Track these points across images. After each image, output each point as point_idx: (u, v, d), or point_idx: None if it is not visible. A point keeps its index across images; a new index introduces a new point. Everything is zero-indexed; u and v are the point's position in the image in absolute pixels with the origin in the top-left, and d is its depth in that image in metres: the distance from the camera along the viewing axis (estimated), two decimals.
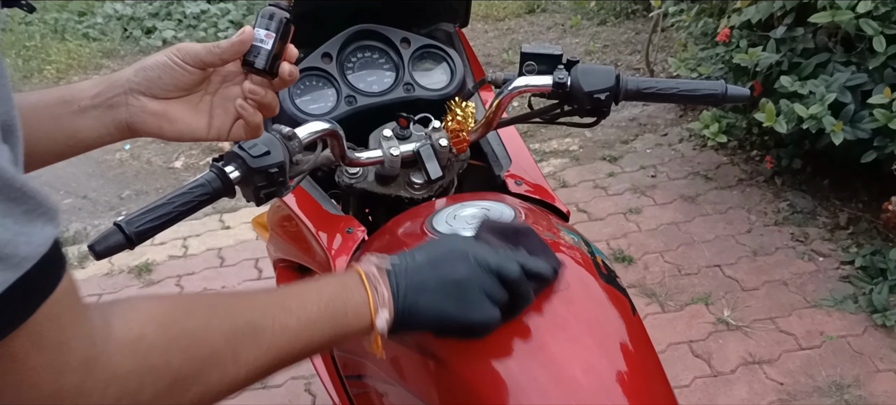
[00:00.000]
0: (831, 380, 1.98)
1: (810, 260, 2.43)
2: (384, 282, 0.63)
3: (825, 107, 2.12)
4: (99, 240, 0.65)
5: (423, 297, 0.63)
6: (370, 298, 0.62)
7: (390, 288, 0.63)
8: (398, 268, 0.64)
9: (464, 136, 0.95)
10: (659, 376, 0.72)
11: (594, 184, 3.00)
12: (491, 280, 0.65)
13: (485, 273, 0.64)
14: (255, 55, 0.65)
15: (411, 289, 0.63)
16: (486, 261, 0.65)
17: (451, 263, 0.65)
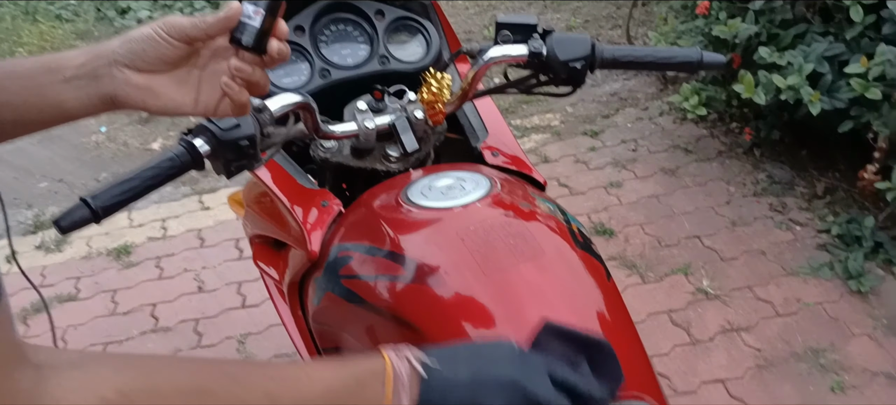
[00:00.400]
0: (808, 346, 2.01)
1: (788, 229, 2.46)
2: (411, 394, 0.55)
3: (803, 77, 2.13)
4: (64, 215, 0.64)
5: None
6: (386, 396, 0.54)
7: (415, 401, 0.55)
8: (434, 381, 0.55)
9: (440, 108, 0.94)
10: (633, 338, 0.73)
11: (575, 158, 3.01)
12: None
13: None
14: (242, 32, 0.62)
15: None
16: (535, 395, 0.55)
17: (494, 393, 0.55)
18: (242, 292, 2.39)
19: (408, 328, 0.73)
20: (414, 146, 0.93)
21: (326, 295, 0.86)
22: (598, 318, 0.72)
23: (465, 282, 0.72)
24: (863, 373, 1.92)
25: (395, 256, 0.78)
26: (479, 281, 0.71)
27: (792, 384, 1.91)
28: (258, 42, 0.62)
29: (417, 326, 0.72)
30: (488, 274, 0.71)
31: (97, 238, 2.69)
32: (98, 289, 2.44)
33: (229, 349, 2.19)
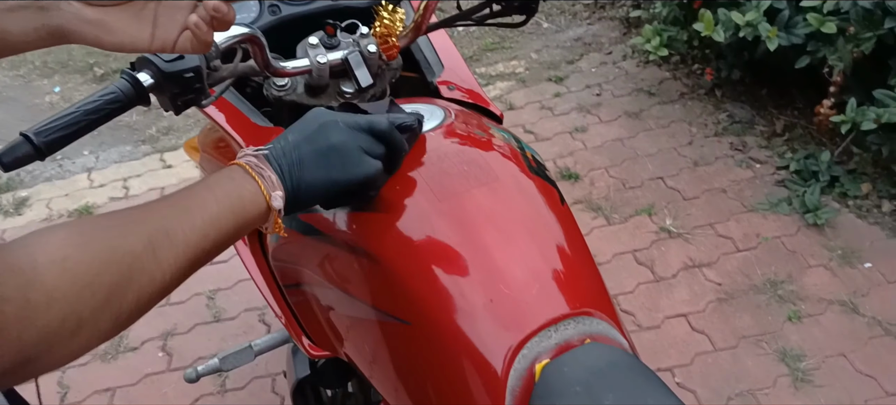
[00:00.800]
0: (766, 278, 2.08)
1: (748, 167, 2.51)
2: (267, 167, 0.65)
3: (761, 13, 2.15)
4: (6, 151, 0.62)
5: (307, 171, 0.66)
6: (260, 185, 0.64)
7: (275, 171, 0.65)
8: (275, 151, 0.66)
9: (393, 42, 0.93)
10: (585, 258, 0.75)
11: (541, 105, 3.01)
12: (364, 137, 0.69)
13: (357, 132, 0.69)
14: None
15: (294, 166, 0.66)
16: (355, 122, 0.69)
17: (323, 133, 0.68)
18: None
19: (364, 256, 0.73)
20: (368, 81, 0.92)
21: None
22: (551, 240, 0.73)
23: (418, 209, 0.72)
24: (818, 303, 1.99)
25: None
26: (433, 206, 0.72)
27: (751, 315, 1.98)
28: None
29: (373, 253, 0.72)
30: (442, 199, 0.72)
31: (57, 200, 2.64)
32: None
33: (198, 305, 2.19)
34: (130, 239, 0.54)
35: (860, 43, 2.01)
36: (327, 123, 0.68)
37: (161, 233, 0.56)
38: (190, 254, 0.58)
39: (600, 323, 0.70)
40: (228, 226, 0.61)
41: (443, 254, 0.70)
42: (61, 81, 3.46)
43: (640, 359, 0.70)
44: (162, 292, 0.57)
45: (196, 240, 0.58)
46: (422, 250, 0.71)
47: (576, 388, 0.62)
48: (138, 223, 0.56)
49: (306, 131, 0.68)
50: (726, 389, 1.79)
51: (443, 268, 0.69)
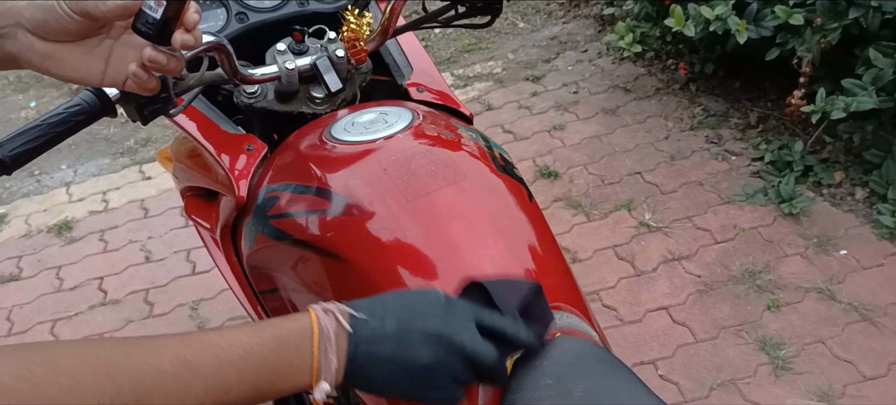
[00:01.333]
0: (744, 268, 2.10)
1: (724, 159, 2.54)
2: (339, 350, 0.54)
3: (729, 7, 2.18)
4: None
5: (379, 373, 0.55)
6: (315, 366, 0.53)
7: (344, 356, 0.55)
8: (361, 333, 0.55)
9: (361, 46, 0.94)
10: (555, 254, 0.76)
11: (518, 104, 3.03)
12: (462, 366, 0.57)
13: (457, 358, 0.56)
14: (144, 21, 0.58)
15: (369, 360, 0.55)
16: (462, 345, 0.56)
17: (421, 346, 0.56)
18: (192, 259, 2.37)
19: (335, 259, 0.74)
20: (337, 85, 0.93)
21: (257, 237, 0.86)
22: (519, 237, 0.74)
23: (388, 210, 0.73)
24: (796, 291, 2.02)
25: (321, 192, 0.79)
26: (402, 207, 0.73)
27: (730, 305, 2.00)
28: (160, 33, 0.59)
29: (344, 256, 0.73)
30: (411, 200, 0.73)
31: (36, 215, 2.62)
32: (41, 267, 2.38)
33: (182, 316, 2.18)
34: (149, 365, 0.47)
35: (827, 34, 2.04)
36: (432, 335, 0.56)
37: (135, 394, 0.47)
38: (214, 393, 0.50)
39: (570, 317, 0.71)
40: (244, 395, 0.52)
41: (413, 253, 0.71)
42: (36, 96, 3.44)
43: (610, 350, 0.71)
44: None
45: (221, 381, 0.50)
46: (392, 250, 0.71)
47: (546, 381, 0.63)
48: (107, 376, 0.47)
49: (407, 327, 0.56)
50: (708, 380, 1.81)
51: (413, 267, 0.70)
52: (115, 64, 0.63)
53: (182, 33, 0.61)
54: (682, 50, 3.01)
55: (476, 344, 0.57)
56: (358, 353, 0.55)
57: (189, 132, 0.96)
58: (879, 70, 2.03)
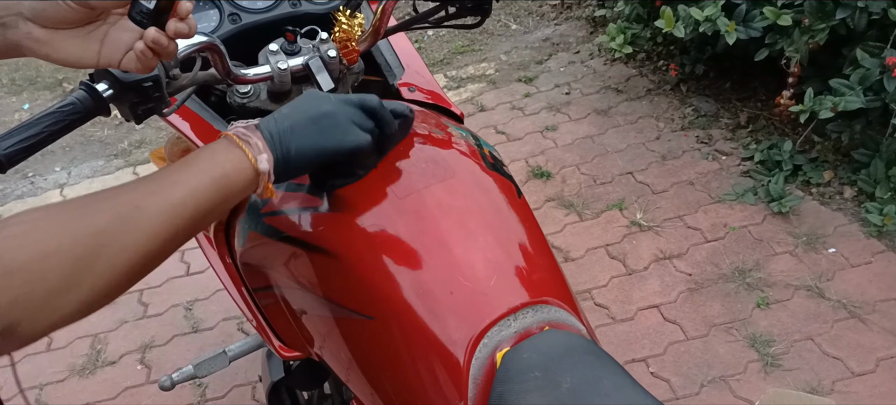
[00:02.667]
0: (735, 267, 2.12)
1: (714, 159, 2.56)
2: (255, 135, 0.67)
3: (719, 8, 2.20)
4: None
5: (296, 137, 0.68)
6: (247, 151, 0.66)
7: (264, 138, 0.67)
8: (266, 121, 0.69)
9: (353, 47, 0.95)
10: (543, 249, 0.77)
11: (511, 105, 3.05)
12: (355, 110, 0.72)
13: (347, 105, 0.71)
14: (138, 11, 0.62)
15: (283, 133, 0.68)
16: (346, 97, 0.72)
17: (314, 104, 0.70)
18: (186, 260, 2.38)
19: (326, 255, 0.75)
20: (330, 85, 0.94)
21: (250, 234, 0.87)
22: (507, 232, 0.75)
23: (378, 206, 0.74)
24: (785, 288, 2.04)
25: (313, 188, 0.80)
26: (392, 203, 0.74)
27: (721, 303, 2.02)
28: (154, 22, 0.62)
29: (335, 252, 0.74)
30: (402, 196, 0.74)
31: None
32: None
33: (176, 316, 2.19)
34: (94, 214, 0.57)
35: (815, 34, 2.07)
36: (318, 96, 0.71)
37: (130, 206, 0.59)
38: (167, 224, 0.60)
39: (558, 310, 0.72)
40: (210, 195, 0.63)
41: (403, 249, 0.72)
42: (30, 98, 3.43)
43: (597, 343, 0.73)
44: (145, 260, 0.60)
45: (171, 211, 0.61)
46: (383, 246, 0.73)
47: (535, 373, 0.65)
48: (105, 200, 0.59)
49: (297, 104, 0.71)
50: (699, 376, 1.83)
51: (403, 263, 0.71)
52: (110, 45, 0.66)
53: (176, 22, 0.64)
54: (672, 51, 3.03)
55: (359, 95, 0.74)
56: (271, 131, 0.68)
57: (182, 132, 0.97)
58: (866, 70, 2.06)
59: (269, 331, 0.97)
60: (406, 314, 0.70)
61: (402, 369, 0.72)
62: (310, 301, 0.81)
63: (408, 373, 0.71)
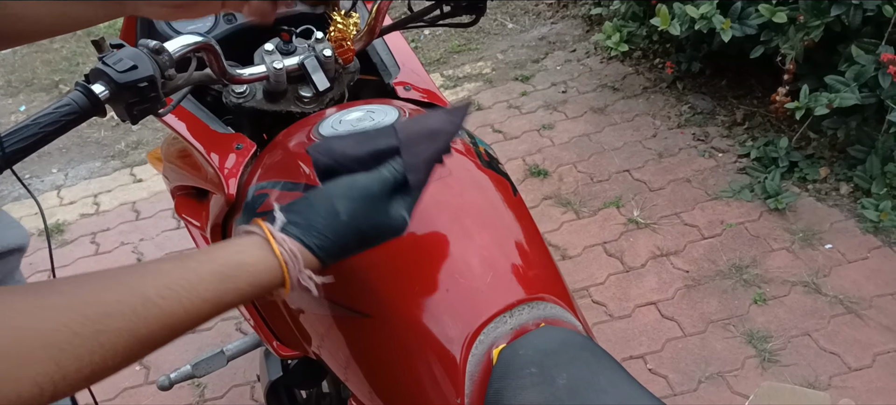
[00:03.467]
0: (731, 263, 2.13)
1: (711, 156, 2.57)
2: (295, 248, 0.59)
3: (714, 5, 2.20)
4: None
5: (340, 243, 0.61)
6: (284, 268, 0.58)
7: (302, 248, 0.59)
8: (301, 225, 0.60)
9: (348, 46, 0.96)
10: (539, 246, 0.77)
11: (508, 104, 3.05)
12: (389, 192, 0.63)
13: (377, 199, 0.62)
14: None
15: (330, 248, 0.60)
16: (369, 187, 0.62)
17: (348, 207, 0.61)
18: None
19: None
20: (325, 84, 0.94)
21: None
22: (503, 230, 0.76)
23: None
24: (782, 284, 2.04)
25: (309, 189, 0.80)
26: None
27: (718, 300, 2.03)
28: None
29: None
30: None
31: (27, 219, 2.61)
32: (33, 270, 2.38)
33: None
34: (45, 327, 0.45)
35: (810, 31, 2.07)
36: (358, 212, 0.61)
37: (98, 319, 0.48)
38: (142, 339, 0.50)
39: (554, 307, 0.73)
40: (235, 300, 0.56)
41: (399, 247, 0.72)
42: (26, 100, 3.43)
43: (593, 339, 0.73)
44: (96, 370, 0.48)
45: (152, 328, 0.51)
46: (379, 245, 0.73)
47: (531, 369, 0.65)
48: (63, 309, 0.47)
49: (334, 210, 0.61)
50: (697, 373, 1.84)
51: (399, 260, 0.71)
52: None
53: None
54: (668, 49, 3.04)
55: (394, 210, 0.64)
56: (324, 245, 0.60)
57: (179, 132, 0.97)
58: (862, 66, 2.06)
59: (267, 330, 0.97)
60: (403, 312, 0.70)
61: (399, 367, 0.72)
62: (307, 300, 0.81)
63: (405, 371, 0.71)
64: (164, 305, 0.50)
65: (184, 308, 0.51)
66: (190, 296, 0.52)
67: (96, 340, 0.46)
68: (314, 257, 0.60)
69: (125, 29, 1.04)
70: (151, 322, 0.50)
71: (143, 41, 0.74)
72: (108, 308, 0.47)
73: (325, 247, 0.60)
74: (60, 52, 3.87)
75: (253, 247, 0.58)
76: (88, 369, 0.46)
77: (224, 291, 0.54)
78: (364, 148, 0.65)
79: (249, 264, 0.56)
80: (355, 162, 0.65)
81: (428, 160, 0.65)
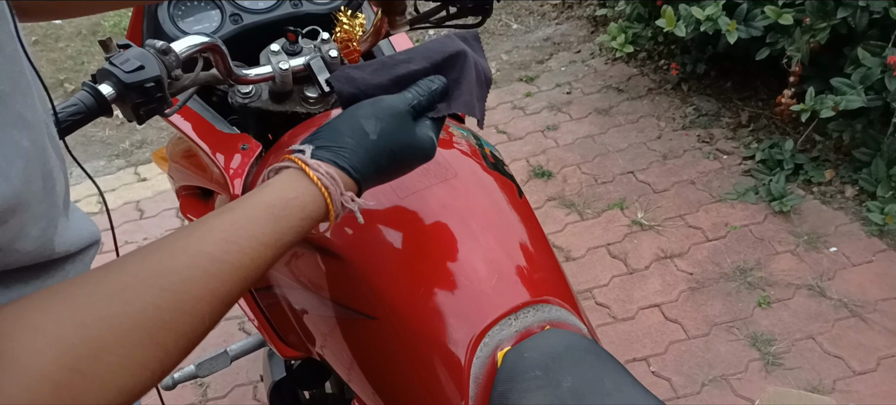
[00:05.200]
0: (736, 266, 2.12)
1: (715, 158, 2.56)
2: (333, 174, 0.58)
3: (720, 7, 2.20)
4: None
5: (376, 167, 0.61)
6: (327, 198, 0.57)
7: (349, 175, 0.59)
8: (343, 157, 0.60)
9: (354, 47, 0.95)
10: (544, 249, 0.77)
11: (512, 105, 3.05)
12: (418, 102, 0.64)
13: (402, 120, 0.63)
14: None
15: (365, 167, 0.60)
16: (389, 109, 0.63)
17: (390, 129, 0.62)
18: None
19: (328, 255, 0.75)
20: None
21: None
22: (508, 232, 0.76)
23: (379, 207, 0.74)
24: (787, 288, 2.04)
25: None
26: (393, 204, 0.74)
27: (722, 302, 2.02)
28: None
29: (337, 252, 0.74)
30: (402, 197, 0.74)
31: None
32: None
33: None
34: (132, 310, 0.44)
35: (816, 33, 2.07)
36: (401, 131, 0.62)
37: (167, 310, 0.46)
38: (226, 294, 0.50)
39: (559, 310, 0.73)
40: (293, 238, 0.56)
41: (404, 249, 0.72)
42: None
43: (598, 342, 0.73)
44: (190, 339, 0.48)
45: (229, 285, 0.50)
46: (384, 246, 0.73)
47: (535, 372, 0.65)
48: (140, 291, 0.45)
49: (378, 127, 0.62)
50: (700, 376, 1.83)
51: (405, 263, 0.71)
52: None
53: None
54: (673, 50, 3.03)
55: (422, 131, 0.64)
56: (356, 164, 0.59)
57: (184, 132, 0.97)
58: (868, 69, 2.06)
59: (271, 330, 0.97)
60: (407, 314, 0.70)
61: (403, 368, 0.72)
62: (311, 301, 0.81)
63: (409, 373, 0.71)
64: (231, 260, 0.50)
65: (249, 257, 0.51)
66: (252, 244, 0.52)
67: (182, 310, 0.46)
68: (351, 179, 0.59)
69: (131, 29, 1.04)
70: (224, 279, 0.49)
71: (150, 41, 0.75)
72: (182, 275, 0.47)
73: (359, 167, 0.59)
74: (65, 50, 3.88)
75: (291, 181, 0.57)
76: (184, 340, 0.47)
77: (281, 231, 0.54)
78: (385, 75, 0.67)
79: (294, 198, 0.55)
80: (378, 88, 0.66)
81: (457, 81, 0.68)
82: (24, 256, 0.45)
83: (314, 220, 0.57)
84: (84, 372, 0.40)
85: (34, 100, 0.43)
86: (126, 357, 0.43)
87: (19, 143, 0.40)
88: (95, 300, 0.43)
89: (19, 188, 0.39)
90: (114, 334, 0.42)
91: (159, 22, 0.99)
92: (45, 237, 0.46)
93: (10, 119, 0.39)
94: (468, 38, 0.72)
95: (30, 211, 0.42)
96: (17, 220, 0.41)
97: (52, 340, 0.40)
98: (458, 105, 0.68)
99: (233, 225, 0.52)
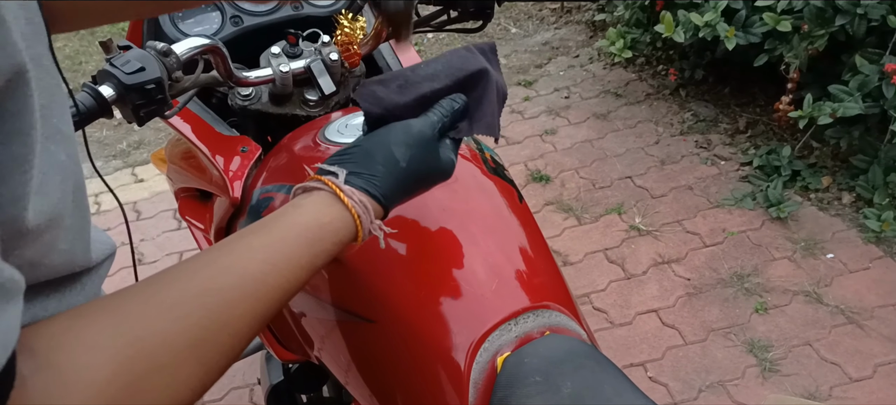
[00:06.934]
0: (733, 272, 2.12)
1: (713, 164, 2.57)
2: (362, 199, 0.59)
3: (718, 13, 2.21)
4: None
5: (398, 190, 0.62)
6: (357, 223, 0.58)
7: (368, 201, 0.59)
8: (365, 182, 0.60)
9: (354, 50, 0.95)
10: (544, 254, 0.77)
11: (511, 109, 3.05)
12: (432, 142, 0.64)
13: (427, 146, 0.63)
14: None
15: (391, 191, 0.61)
16: (437, 159, 0.64)
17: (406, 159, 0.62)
18: None
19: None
20: (331, 88, 0.94)
21: None
22: (508, 237, 0.75)
23: None
24: (784, 294, 2.04)
25: None
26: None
27: (719, 308, 2.02)
28: None
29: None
30: None
31: None
32: None
33: None
34: (179, 328, 0.44)
35: (814, 40, 2.07)
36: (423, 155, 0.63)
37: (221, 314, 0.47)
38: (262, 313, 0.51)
39: (559, 315, 0.72)
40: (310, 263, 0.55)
41: (404, 253, 0.72)
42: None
43: (598, 348, 0.73)
44: (227, 359, 0.48)
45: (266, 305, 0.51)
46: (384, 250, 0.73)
47: (535, 378, 0.64)
48: (191, 309, 0.45)
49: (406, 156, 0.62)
50: (697, 381, 1.83)
51: (404, 266, 0.71)
52: None
53: None
54: (672, 56, 3.04)
55: (444, 154, 0.65)
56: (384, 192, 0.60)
57: (184, 134, 0.97)
58: (865, 76, 2.06)
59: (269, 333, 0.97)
60: (407, 318, 0.69)
61: (402, 373, 0.71)
62: (309, 304, 0.81)
63: (408, 377, 0.71)
64: (271, 281, 0.51)
65: (287, 280, 0.52)
66: (289, 267, 0.53)
67: (225, 331, 0.47)
68: (379, 206, 0.61)
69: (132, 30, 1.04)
70: (265, 300, 0.50)
71: (151, 43, 0.74)
72: (227, 295, 0.47)
73: (388, 195, 0.61)
74: (63, 50, 3.87)
75: (324, 206, 0.57)
76: (224, 359, 0.47)
77: (315, 255, 0.55)
78: (410, 94, 0.67)
79: (328, 223, 0.56)
80: (404, 109, 0.66)
81: (479, 100, 0.68)
82: (50, 270, 0.44)
83: (343, 245, 0.58)
84: (138, 390, 0.40)
85: (68, 112, 0.43)
86: (174, 375, 0.43)
87: (57, 156, 0.39)
88: (150, 316, 0.43)
89: (56, 202, 0.39)
90: (167, 351, 0.42)
91: (160, 23, 0.99)
92: (72, 251, 0.46)
93: (49, 132, 0.38)
94: (487, 52, 0.72)
95: (62, 225, 0.42)
96: (50, 235, 0.40)
97: (111, 356, 0.39)
98: (479, 128, 0.67)
99: (272, 247, 0.53)
